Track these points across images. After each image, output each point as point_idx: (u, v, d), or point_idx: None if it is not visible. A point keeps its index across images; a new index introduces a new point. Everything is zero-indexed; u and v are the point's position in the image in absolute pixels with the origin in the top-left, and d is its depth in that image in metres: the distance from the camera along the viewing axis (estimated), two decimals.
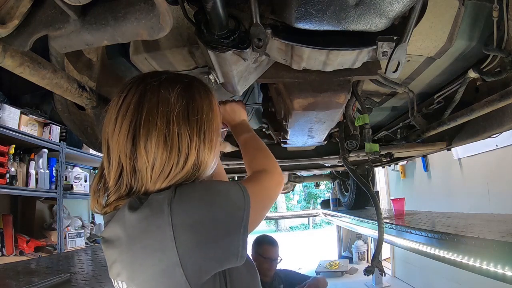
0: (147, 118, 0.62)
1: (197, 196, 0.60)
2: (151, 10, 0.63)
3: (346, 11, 0.67)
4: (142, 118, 0.62)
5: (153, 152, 0.61)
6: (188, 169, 0.64)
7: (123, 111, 0.63)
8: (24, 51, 0.66)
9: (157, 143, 0.61)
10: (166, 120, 0.62)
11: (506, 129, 1.43)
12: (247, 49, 0.70)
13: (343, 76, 1.02)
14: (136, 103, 0.63)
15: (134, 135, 0.62)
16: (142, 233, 0.58)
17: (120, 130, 0.62)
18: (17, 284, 1.36)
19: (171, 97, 0.64)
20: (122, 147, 0.62)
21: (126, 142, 0.62)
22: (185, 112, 0.64)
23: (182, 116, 0.63)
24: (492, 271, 1.24)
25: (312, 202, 16.92)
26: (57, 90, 0.80)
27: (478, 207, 3.24)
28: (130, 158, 0.62)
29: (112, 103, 0.66)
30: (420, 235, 1.82)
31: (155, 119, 0.62)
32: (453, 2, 1.04)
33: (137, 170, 0.63)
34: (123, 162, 0.63)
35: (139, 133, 0.62)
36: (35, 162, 2.77)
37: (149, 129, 0.61)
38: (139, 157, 0.62)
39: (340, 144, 1.73)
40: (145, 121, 0.62)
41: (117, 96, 0.66)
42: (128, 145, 0.62)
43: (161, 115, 0.62)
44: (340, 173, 3.88)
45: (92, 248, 3.07)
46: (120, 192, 0.64)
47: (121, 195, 0.64)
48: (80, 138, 1.31)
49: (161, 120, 0.62)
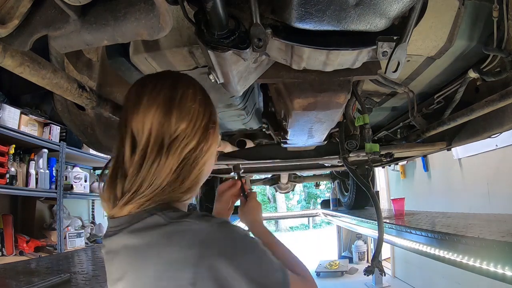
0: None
1: (249, 259, 0.58)
2: (151, 10, 0.63)
3: (346, 11, 0.67)
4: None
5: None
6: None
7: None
8: (24, 51, 0.66)
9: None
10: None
11: (506, 129, 1.43)
12: (247, 49, 0.69)
13: (343, 76, 1.02)
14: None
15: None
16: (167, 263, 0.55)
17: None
18: (17, 284, 1.36)
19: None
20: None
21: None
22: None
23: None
24: (492, 271, 1.24)
25: (312, 202, 16.91)
26: (57, 90, 0.80)
27: (478, 207, 3.24)
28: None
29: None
30: (420, 235, 1.82)
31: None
32: (453, 2, 1.04)
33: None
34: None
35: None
36: (35, 162, 2.77)
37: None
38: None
39: (340, 144, 1.73)
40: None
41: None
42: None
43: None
44: (340, 173, 3.88)
45: (92, 248, 3.07)
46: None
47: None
48: (80, 138, 1.31)
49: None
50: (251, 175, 4.02)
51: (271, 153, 2.10)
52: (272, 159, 2.09)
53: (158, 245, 0.57)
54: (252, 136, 2.24)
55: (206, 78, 0.90)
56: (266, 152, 2.10)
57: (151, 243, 0.57)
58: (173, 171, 0.62)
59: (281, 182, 4.16)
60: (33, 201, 3.08)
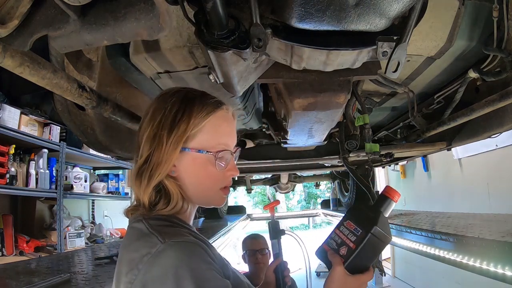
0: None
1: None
2: (151, 10, 0.63)
3: (346, 11, 0.67)
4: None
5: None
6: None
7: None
8: (24, 51, 0.66)
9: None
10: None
11: (506, 129, 1.43)
12: (247, 49, 0.69)
13: (343, 76, 1.02)
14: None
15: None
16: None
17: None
18: (17, 284, 1.36)
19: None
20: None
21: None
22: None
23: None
24: (492, 271, 1.25)
25: (312, 202, 16.91)
26: (57, 90, 0.80)
27: (478, 207, 3.24)
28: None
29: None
30: (420, 235, 1.82)
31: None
32: (453, 2, 1.04)
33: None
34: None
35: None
36: (35, 162, 2.77)
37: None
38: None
39: (340, 144, 1.73)
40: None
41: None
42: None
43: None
44: (340, 173, 3.88)
45: (92, 248, 3.07)
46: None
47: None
48: (80, 138, 1.31)
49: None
50: (252, 175, 4.02)
51: (271, 153, 2.10)
52: (272, 159, 2.09)
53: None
54: (252, 136, 2.24)
55: (206, 78, 0.90)
56: (266, 152, 2.10)
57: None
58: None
59: (281, 182, 4.16)
60: (33, 201, 3.08)
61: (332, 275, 0.70)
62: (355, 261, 0.70)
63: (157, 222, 0.64)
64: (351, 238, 0.72)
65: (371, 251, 0.71)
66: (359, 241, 0.70)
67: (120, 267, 0.61)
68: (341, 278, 0.70)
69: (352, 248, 0.71)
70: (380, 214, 0.73)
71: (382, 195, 0.76)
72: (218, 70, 0.83)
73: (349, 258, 0.70)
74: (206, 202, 0.73)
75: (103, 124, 1.31)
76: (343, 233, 0.75)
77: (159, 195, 0.67)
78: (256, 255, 2.31)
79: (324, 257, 0.76)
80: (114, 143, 1.38)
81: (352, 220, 0.75)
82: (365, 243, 0.69)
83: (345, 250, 0.72)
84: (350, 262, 0.70)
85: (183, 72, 1.17)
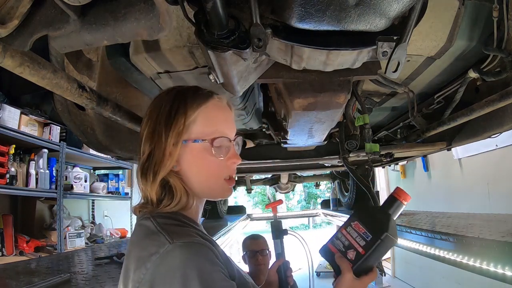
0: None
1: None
2: (151, 10, 0.63)
3: (346, 11, 0.67)
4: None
5: None
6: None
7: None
8: (24, 51, 0.66)
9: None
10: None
11: (506, 129, 1.43)
12: (247, 49, 0.69)
13: (343, 76, 1.02)
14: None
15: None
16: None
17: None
18: (17, 284, 1.36)
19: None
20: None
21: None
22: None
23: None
24: (492, 271, 1.25)
25: (312, 202, 16.90)
26: (57, 90, 0.80)
27: (478, 207, 3.24)
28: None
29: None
30: (420, 235, 1.82)
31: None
32: (453, 2, 1.04)
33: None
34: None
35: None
36: (35, 162, 2.77)
37: None
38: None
39: (340, 144, 1.73)
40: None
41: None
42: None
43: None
44: (340, 173, 3.88)
45: (92, 248, 3.07)
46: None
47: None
48: (80, 138, 1.31)
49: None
50: (252, 175, 4.02)
51: (271, 153, 2.10)
52: (272, 159, 2.09)
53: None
54: (252, 136, 2.24)
55: (206, 78, 0.90)
56: (266, 152, 2.10)
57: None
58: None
59: (281, 182, 4.16)
60: (33, 201, 3.08)
61: (342, 282, 0.72)
62: (363, 265, 0.71)
63: (165, 220, 0.64)
64: (360, 242, 0.72)
65: (378, 255, 0.72)
66: (368, 247, 0.70)
67: (128, 263, 0.62)
68: (349, 284, 0.71)
69: (361, 254, 0.71)
70: (390, 219, 0.72)
71: (392, 197, 0.76)
72: (218, 70, 0.83)
73: (357, 263, 0.70)
74: (210, 194, 0.73)
75: (103, 124, 1.31)
76: (350, 235, 0.74)
77: (164, 192, 0.67)
78: (256, 256, 2.31)
79: (330, 258, 0.76)
80: (114, 143, 1.38)
81: (360, 222, 0.75)
82: (374, 249, 0.69)
83: (353, 255, 0.71)
84: (357, 267, 0.70)
85: (183, 72, 1.18)
